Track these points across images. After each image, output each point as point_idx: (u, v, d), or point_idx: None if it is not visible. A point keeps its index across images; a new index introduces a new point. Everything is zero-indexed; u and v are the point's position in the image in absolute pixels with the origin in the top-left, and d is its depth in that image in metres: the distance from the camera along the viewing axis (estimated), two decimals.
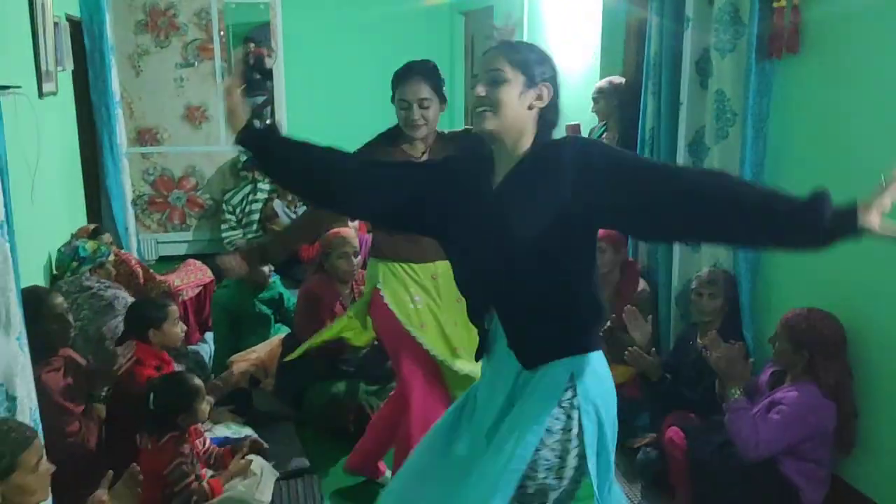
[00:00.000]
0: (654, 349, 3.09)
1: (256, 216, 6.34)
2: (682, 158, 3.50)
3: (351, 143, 5.36)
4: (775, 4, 2.89)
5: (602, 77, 4.44)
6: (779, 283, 3.12)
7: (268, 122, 2.52)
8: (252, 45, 6.64)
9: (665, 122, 3.66)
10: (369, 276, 2.75)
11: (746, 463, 2.52)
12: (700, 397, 2.95)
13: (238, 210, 6.38)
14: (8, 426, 1.94)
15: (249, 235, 6.25)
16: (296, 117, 6.83)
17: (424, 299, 2.64)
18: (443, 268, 2.58)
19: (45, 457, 1.98)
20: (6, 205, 2.20)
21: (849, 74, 2.73)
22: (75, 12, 4.92)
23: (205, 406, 2.69)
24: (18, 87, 2.87)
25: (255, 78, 6.50)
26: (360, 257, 3.81)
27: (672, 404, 3.02)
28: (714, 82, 3.25)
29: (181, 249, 6.50)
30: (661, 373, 3.03)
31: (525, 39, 5.58)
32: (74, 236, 4.02)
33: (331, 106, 7.11)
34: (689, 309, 3.40)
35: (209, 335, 4.27)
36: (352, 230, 4.14)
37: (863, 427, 2.66)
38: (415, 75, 2.53)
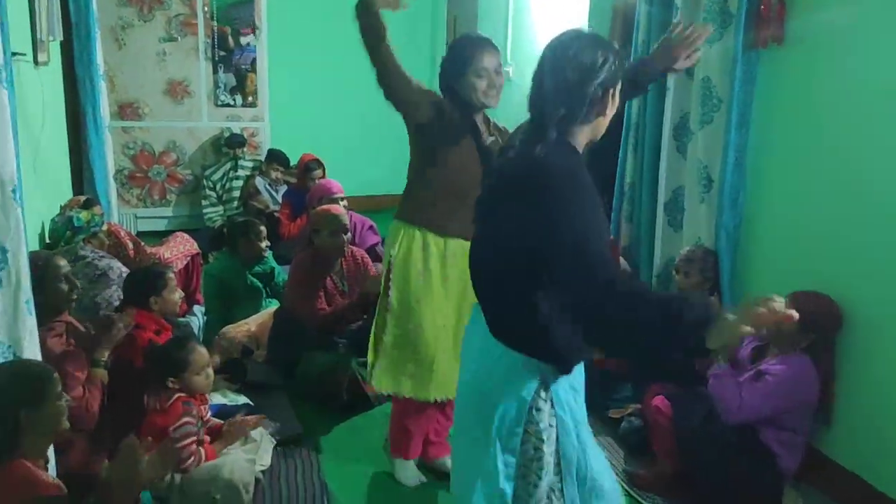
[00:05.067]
0: None
1: (237, 193, 6.34)
2: (666, 142, 3.64)
3: (334, 117, 5.43)
4: None
5: None
6: (758, 261, 3.26)
7: None
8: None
9: (651, 107, 3.79)
10: (388, 239, 2.77)
11: (728, 431, 2.66)
12: (681, 368, 3.08)
13: (219, 186, 6.38)
14: (28, 362, 2.04)
15: (230, 212, 6.26)
16: (278, 93, 6.83)
17: (435, 273, 2.66)
18: (460, 246, 2.59)
19: (64, 392, 2.08)
20: (18, 169, 2.24)
21: (831, 65, 2.86)
22: None
23: (206, 375, 2.76)
24: (24, 53, 2.88)
25: (220, 54, 6.49)
26: (348, 234, 3.88)
27: (653, 376, 3.16)
28: (700, 70, 3.37)
29: (160, 225, 6.49)
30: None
31: (510, 23, 5.68)
32: (66, 207, 4.03)
33: (314, 84, 7.12)
34: (669, 287, 3.54)
35: (197, 308, 4.31)
36: (341, 208, 4.21)
37: (839, 401, 2.83)
38: (490, 45, 2.58)
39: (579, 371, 1.87)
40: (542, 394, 1.79)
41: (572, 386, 1.85)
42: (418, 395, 2.75)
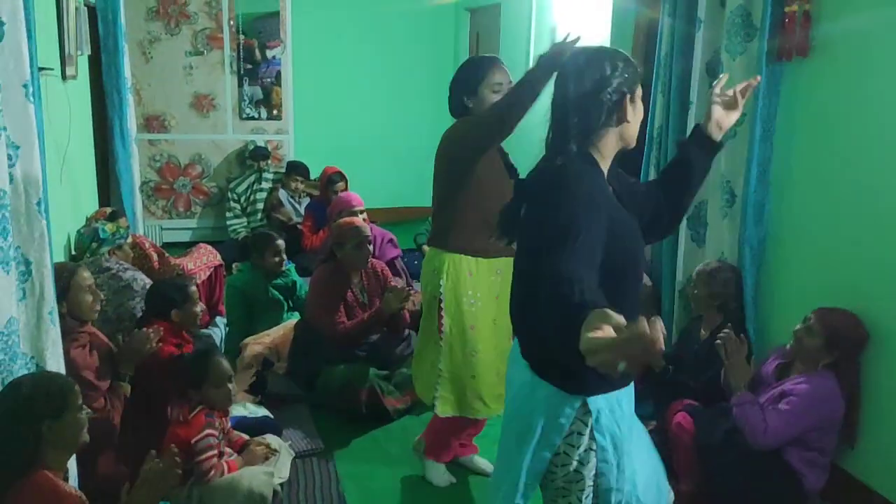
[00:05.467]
0: None
1: (261, 205, 6.40)
2: None
3: (358, 129, 5.45)
4: (787, 9, 3.00)
5: None
6: (783, 276, 3.22)
7: None
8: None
9: (673, 121, 3.76)
10: (430, 267, 2.78)
11: (752, 449, 2.62)
12: (702, 387, 3.06)
13: (243, 199, 6.44)
14: (50, 374, 2.07)
15: (254, 224, 6.32)
16: (303, 109, 6.90)
17: (484, 296, 2.71)
18: (505, 263, 2.61)
19: (82, 402, 2.10)
20: (44, 182, 2.28)
21: (857, 78, 2.83)
22: None
23: (226, 389, 2.76)
24: (51, 68, 2.93)
25: (247, 68, 6.56)
26: (371, 246, 3.89)
27: (675, 394, 3.12)
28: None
29: (185, 236, 6.56)
30: (664, 363, 3.13)
31: (533, 38, 5.69)
32: (91, 218, 4.08)
33: (338, 97, 7.19)
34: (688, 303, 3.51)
35: (219, 319, 4.34)
36: (362, 220, 4.23)
37: (865, 420, 2.78)
38: (500, 62, 2.69)
39: (626, 394, 1.84)
40: (584, 418, 1.76)
41: (612, 409, 1.80)
42: (481, 414, 2.82)
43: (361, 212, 4.53)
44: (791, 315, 2.91)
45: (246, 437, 2.94)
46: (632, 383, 1.88)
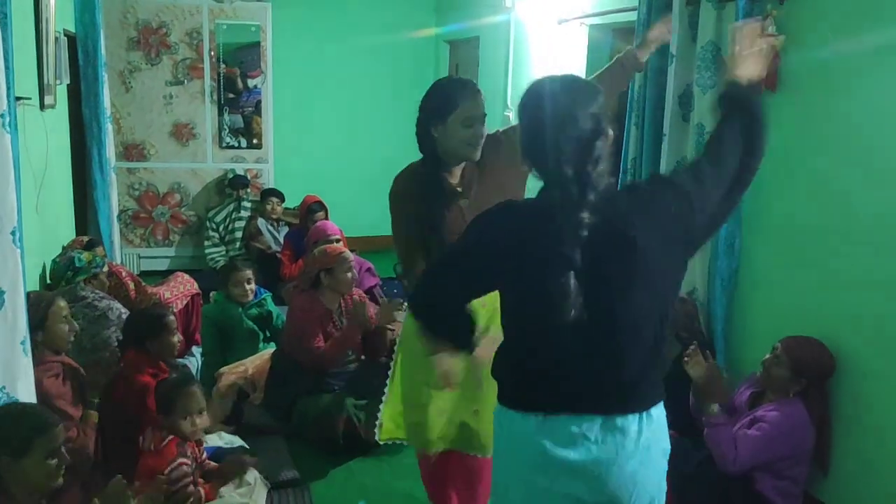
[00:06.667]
0: None
1: (240, 234, 6.38)
2: None
3: (334, 163, 5.50)
4: None
5: None
6: (754, 307, 3.27)
7: None
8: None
9: (647, 152, 3.82)
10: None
11: (726, 478, 2.64)
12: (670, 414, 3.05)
13: (221, 227, 6.43)
14: (26, 409, 2.00)
15: (232, 253, 6.30)
16: (282, 139, 6.93)
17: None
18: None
19: (61, 450, 2.02)
20: (19, 211, 2.28)
21: (823, 113, 2.91)
22: (71, 27, 4.99)
23: (193, 421, 2.73)
24: (29, 98, 2.94)
25: (229, 97, 6.58)
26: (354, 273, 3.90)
27: None
28: (695, 116, 3.42)
29: (163, 265, 6.52)
30: None
31: (511, 69, 5.77)
32: (68, 247, 4.06)
33: (318, 128, 7.23)
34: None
35: (196, 349, 4.31)
36: (345, 248, 4.25)
37: (836, 448, 2.81)
38: (476, 90, 2.30)
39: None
40: None
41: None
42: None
43: (337, 240, 4.55)
44: (763, 345, 2.95)
45: (217, 465, 2.91)
46: None
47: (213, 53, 6.42)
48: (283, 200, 6.34)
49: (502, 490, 1.76)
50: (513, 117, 5.40)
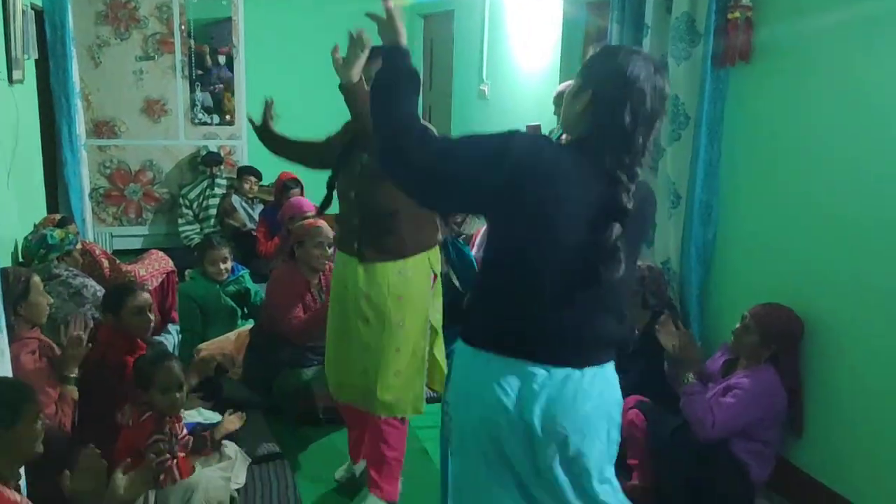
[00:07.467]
0: None
1: (214, 211, 6.34)
2: None
3: (312, 135, 5.41)
4: (730, 16, 3.10)
5: (562, 81, 4.62)
6: (729, 276, 3.31)
7: None
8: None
9: None
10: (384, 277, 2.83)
11: (701, 443, 2.69)
12: (639, 380, 3.07)
13: (195, 205, 6.37)
14: (8, 381, 2.02)
15: (206, 230, 6.25)
16: (256, 114, 6.83)
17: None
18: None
19: (42, 414, 2.05)
20: None
21: (797, 82, 2.94)
22: (38, 1, 4.88)
23: (172, 396, 2.73)
24: None
25: (198, 73, 6.50)
26: (332, 248, 3.88)
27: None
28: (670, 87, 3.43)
29: (136, 243, 6.46)
30: None
31: (486, 44, 5.75)
32: (40, 225, 4.01)
33: (291, 102, 7.11)
34: None
35: (172, 326, 4.28)
36: (324, 222, 4.21)
37: (808, 413, 2.87)
38: None
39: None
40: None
41: None
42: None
43: (313, 217, 4.51)
44: (739, 313, 3.00)
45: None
46: None
47: (183, 28, 6.32)
48: (260, 179, 6.30)
49: (469, 433, 1.74)
50: (488, 91, 5.39)
